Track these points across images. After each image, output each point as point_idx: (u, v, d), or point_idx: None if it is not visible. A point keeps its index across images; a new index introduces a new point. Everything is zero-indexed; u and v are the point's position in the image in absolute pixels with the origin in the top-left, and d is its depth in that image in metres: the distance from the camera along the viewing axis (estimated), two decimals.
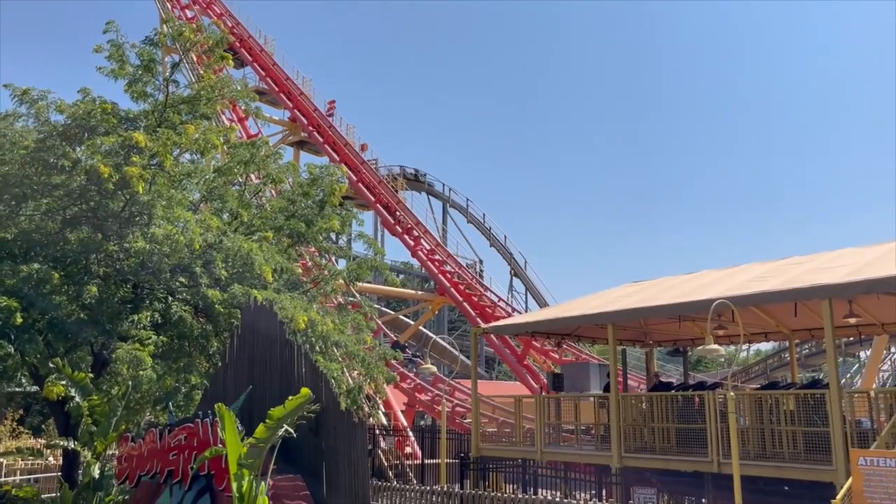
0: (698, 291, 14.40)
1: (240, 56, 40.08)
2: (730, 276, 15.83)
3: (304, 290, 15.65)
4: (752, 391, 16.04)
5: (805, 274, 13.15)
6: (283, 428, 8.88)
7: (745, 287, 13.48)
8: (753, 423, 13.75)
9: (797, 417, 13.12)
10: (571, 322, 17.25)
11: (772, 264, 15.68)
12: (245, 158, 15.82)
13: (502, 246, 45.23)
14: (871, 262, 12.81)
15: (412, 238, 35.27)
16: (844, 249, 15.36)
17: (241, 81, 19.64)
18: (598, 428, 16.78)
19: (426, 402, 26.74)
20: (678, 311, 14.63)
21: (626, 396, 16.40)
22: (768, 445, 13.38)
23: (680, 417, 14.79)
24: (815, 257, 15.00)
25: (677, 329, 17.86)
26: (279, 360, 11.22)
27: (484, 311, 31.80)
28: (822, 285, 11.87)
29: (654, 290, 16.87)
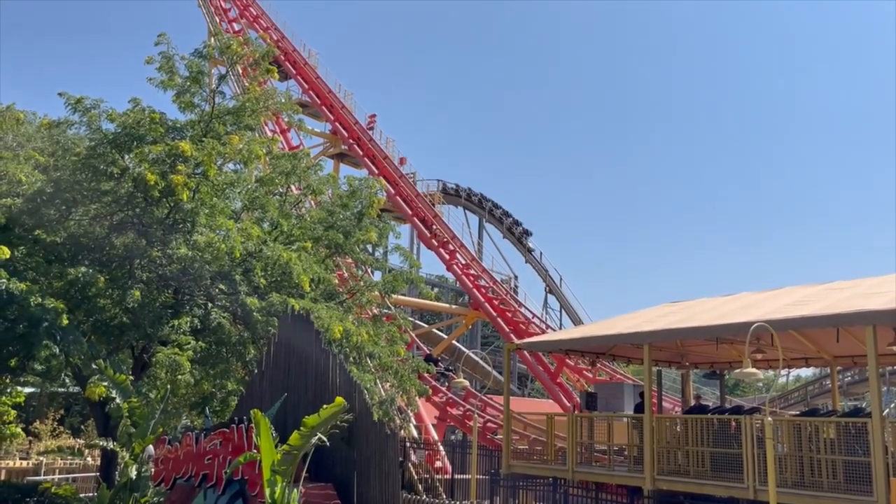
0: (737, 314, 14.17)
1: (284, 69, 40.80)
2: (769, 298, 15.56)
3: (341, 301, 15.83)
4: (791, 417, 15.68)
5: (847, 299, 12.87)
6: (316, 436, 8.99)
7: (785, 311, 13.24)
8: (792, 451, 13.43)
9: (837, 446, 12.79)
10: (606, 341, 17.09)
11: (813, 288, 15.37)
12: (286, 169, 16.13)
13: (538, 262, 45.10)
14: None
15: (447, 252, 35.37)
16: (889, 275, 14.99)
17: (285, 94, 20.04)
18: (631, 449, 16.57)
19: (457, 417, 26.69)
20: (716, 333, 14.41)
21: (660, 418, 16.17)
22: (807, 474, 13.06)
23: (715, 441, 14.51)
24: (859, 282, 14.66)
25: (714, 351, 17.58)
26: (314, 369, 11.35)
27: (518, 327, 31.69)
28: (865, 311, 11.59)
29: (691, 310, 16.65)
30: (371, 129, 41.94)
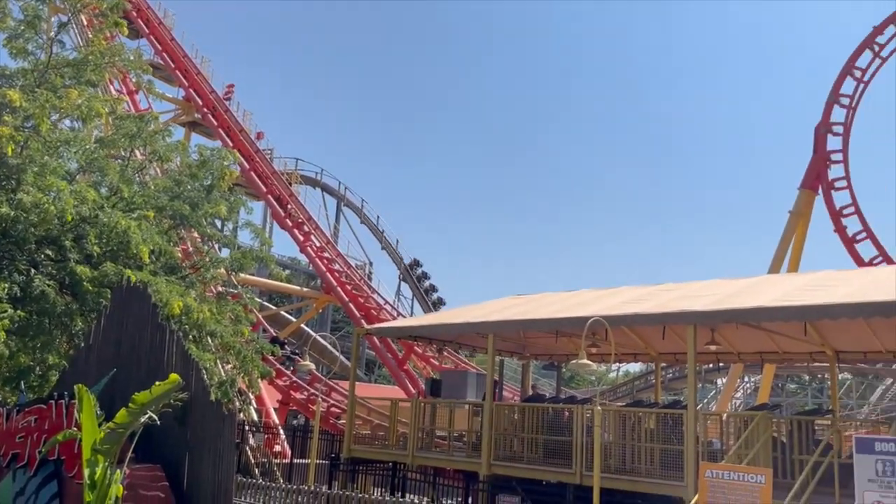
0: (576, 308, 14.92)
1: (136, 26, 38.17)
2: (607, 296, 16.50)
3: (183, 276, 15.05)
4: (618, 408, 16.75)
5: (675, 300, 13.90)
6: (146, 414, 8.49)
7: (620, 308, 14.09)
8: (617, 439, 14.36)
9: (656, 435, 13.84)
10: (454, 329, 17.45)
11: (647, 289, 16.47)
12: (131, 132, 15.08)
13: (394, 250, 45.25)
14: (734, 293, 13.71)
15: (302, 233, 34.65)
16: (714, 280, 16.36)
17: (135, 52, 18.70)
18: (470, 435, 17.03)
19: (301, 401, 26.26)
20: (556, 326, 15.11)
21: (499, 406, 16.73)
22: (628, 460, 14.03)
23: (549, 429, 15.25)
24: (687, 285, 15.88)
25: (554, 344, 18.42)
26: (148, 345, 10.73)
27: (369, 313, 31.64)
28: (688, 311, 12.58)
29: (535, 304, 17.35)
30: (228, 100, 40.19)
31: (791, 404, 45.86)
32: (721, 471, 8.57)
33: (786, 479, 11.94)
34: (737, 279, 15.67)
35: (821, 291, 12.48)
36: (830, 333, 15.50)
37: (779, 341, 16.17)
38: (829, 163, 29.38)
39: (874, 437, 4.36)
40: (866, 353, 16.26)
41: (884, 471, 4.05)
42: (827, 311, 11.44)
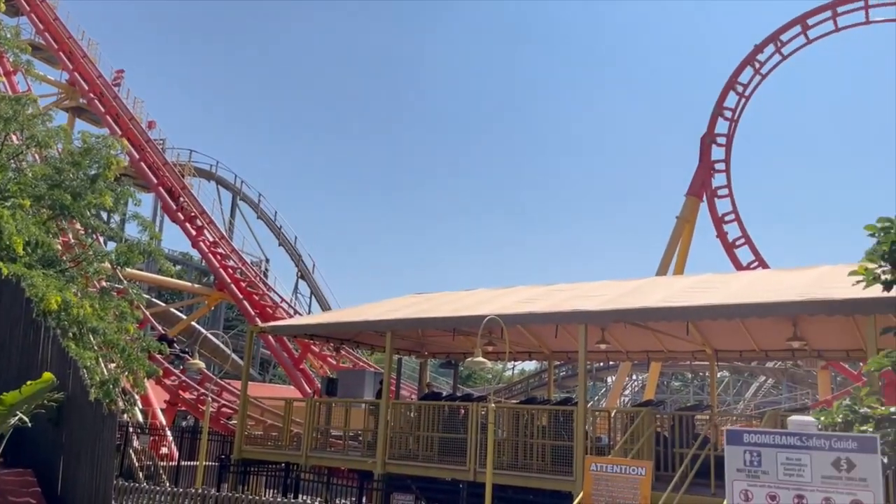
0: (473, 307, 15.10)
1: (15, 3, 35.69)
2: (503, 295, 16.79)
3: (62, 269, 14.18)
4: (512, 405, 17.07)
5: (568, 300, 14.31)
6: (16, 416, 7.92)
7: (515, 307, 14.37)
8: (510, 436, 14.64)
9: (548, 432, 14.20)
10: (352, 328, 17.29)
11: (541, 288, 16.88)
12: (6, 115, 14.07)
13: (292, 246, 44.37)
14: (624, 294, 14.25)
15: (195, 227, 33.40)
16: (605, 281, 16.94)
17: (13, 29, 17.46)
18: (366, 434, 16.93)
19: (190, 401, 25.30)
20: (453, 325, 15.24)
21: (396, 404, 16.71)
22: (521, 457, 14.32)
23: (445, 427, 15.36)
24: (579, 286, 16.38)
25: (451, 342, 18.57)
26: (21, 342, 10.04)
27: (264, 311, 30.87)
28: (580, 311, 12.98)
29: (433, 302, 17.44)
30: (118, 86, 38.21)
31: (675, 401, 48.14)
32: (605, 464, 8.91)
33: (667, 471, 12.50)
34: (626, 281, 16.30)
35: (702, 293, 13.16)
36: (710, 333, 16.38)
37: (664, 340, 16.93)
38: (713, 172, 31.07)
39: (743, 430, 4.62)
40: (742, 351, 17.29)
41: (751, 461, 4.31)
42: (707, 312, 12.07)
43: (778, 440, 4.44)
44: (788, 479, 4.27)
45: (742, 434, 4.53)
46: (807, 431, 4.46)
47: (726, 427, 7.79)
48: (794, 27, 30.67)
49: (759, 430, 4.79)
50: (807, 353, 16.63)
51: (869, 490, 4.14)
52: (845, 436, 4.61)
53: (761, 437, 4.51)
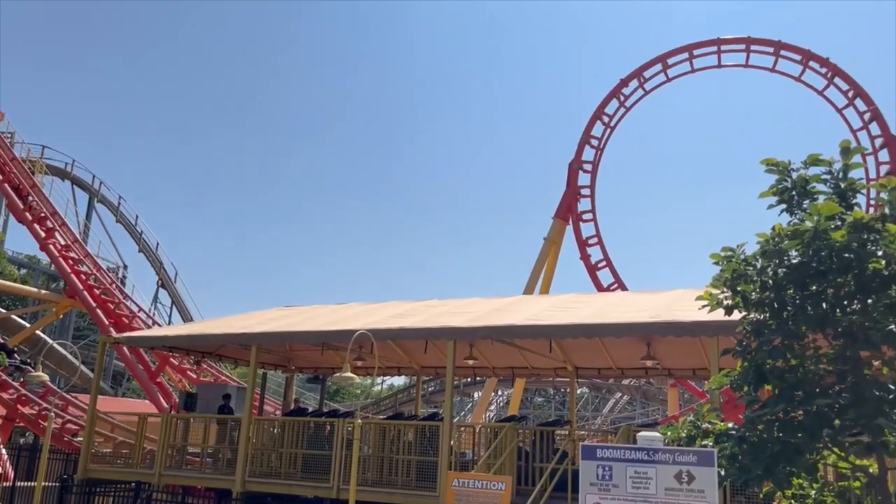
0: (343, 322, 14.94)
1: None
2: (374, 310, 16.74)
3: None
4: (379, 421, 17.00)
5: (438, 316, 14.46)
6: None
7: (386, 322, 14.35)
8: (376, 452, 14.57)
9: (414, 447, 14.25)
10: (215, 340, 16.62)
11: (413, 304, 16.96)
12: None
13: (153, 253, 42.13)
14: (492, 311, 14.58)
15: (44, 229, 31.02)
16: (474, 298, 17.27)
17: None
18: (224, 451, 16.29)
19: (30, 417, 23.34)
20: (323, 339, 15.00)
21: (258, 420, 16.22)
22: (386, 473, 14.28)
23: (309, 443, 15.07)
24: (449, 302, 16.62)
25: (320, 357, 18.27)
26: None
27: (120, 321, 29.06)
28: (449, 327, 13.14)
29: (302, 316, 17.10)
30: None
31: (537, 416, 49.70)
32: (467, 480, 9.05)
33: (528, 485, 12.87)
34: (495, 298, 16.71)
35: (565, 313, 13.69)
36: (572, 351, 17.07)
37: (529, 357, 17.46)
38: (580, 196, 32.53)
39: (596, 445, 4.84)
40: (601, 369, 18.14)
41: (603, 475, 4.52)
42: (569, 331, 12.57)
43: (628, 455, 4.68)
44: (636, 492, 4.51)
45: (595, 449, 4.74)
46: (653, 447, 4.73)
47: (582, 442, 8.15)
48: (656, 65, 32.81)
49: (611, 445, 5.02)
50: (658, 372, 17.66)
51: (706, 501, 4.44)
52: (686, 450, 4.92)
53: (613, 452, 4.74)
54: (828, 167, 6.76)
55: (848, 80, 30.20)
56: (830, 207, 6.26)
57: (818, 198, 6.77)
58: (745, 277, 6.75)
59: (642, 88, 33.38)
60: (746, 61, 32.10)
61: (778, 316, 6.61)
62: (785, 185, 6.96)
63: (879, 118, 29.39)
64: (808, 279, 6.43)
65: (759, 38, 31.51)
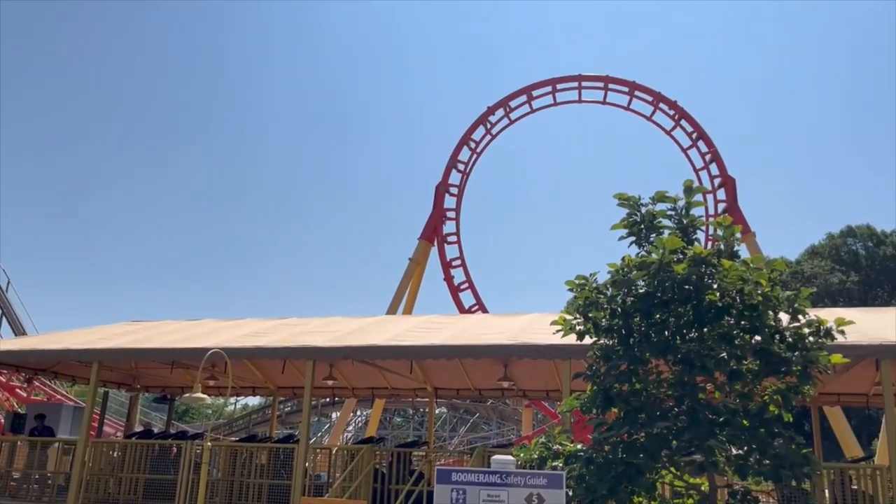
0: (195, 339, 14.25)
1: None
2: (230, 327, 16.10)
3: None
4: (230, 443, 16.29)
5: (297, 335, 14.11)
6: None
7: (242, 340, 13.83)
8: (226, 476, 13.93)
9: (267, 471, 13.77)
10: (50, 356, 15.30)
11: (270, 322, 16.46)
12: None
13: None
14: (352, 331, 14.41)
15: None
16: (335, 317, 17.02)
17: None
18: (56, 477, 15.00)
19: None
20: (172, 357, 14.23)
21: (97, 443, 15.08)
22: (236, 498, 13.68)
23: (153, 467, 14.19)
24: (309, 321, 16.25)
25: (168, 375, 17.31)
26: None
27: None
28: (308, 347, 12.85)
29: (151, 332, 16.14)
30: None
31: (396, 436, 49.58)
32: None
33: None
34: (356, 318, 16.54)
35: (426, 334, 13.77)
36: (432, 371, 17.20)
37: (389, 378, 17.40)
38: (445, 219, 33.06)
39: (452, 469, 4.87)
40: (459, 390, 18.37)
41: (457, 498, 4.55)
42: (429, 352, 12.65)
43: (482, 478, 4.74)
44: None
45: (451, 473, 4.76)
46: (506, 469, 4.83)
47: (437, 464, 8.16)
48: (521, 96, 34.10)
49: (466, 469, 5.07)
50: (514, 393, 18.12)
51: None
52: (537, 473, 5.06)
53: (467, 475, 4.78)
54: (672, 204, 7.26)
55: (692, 123, 32.75)
56: (674, 242, 6.70)
57: (664, 232, 7.24)
58: (596, 305, 7.07)
59: (508, 118, 34.55)
60: (604, 98, 34.06)
61: (625, 342, 6.97)
62: (634, 219, 7.37)
63: (718, 159, 32.05)
64: (652, 308, 6.83)
65: (616, 77, 33.53)
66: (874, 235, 63.59)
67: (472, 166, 34.42)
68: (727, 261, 6.62)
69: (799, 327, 6.83)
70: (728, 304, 6.63)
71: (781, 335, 6.84)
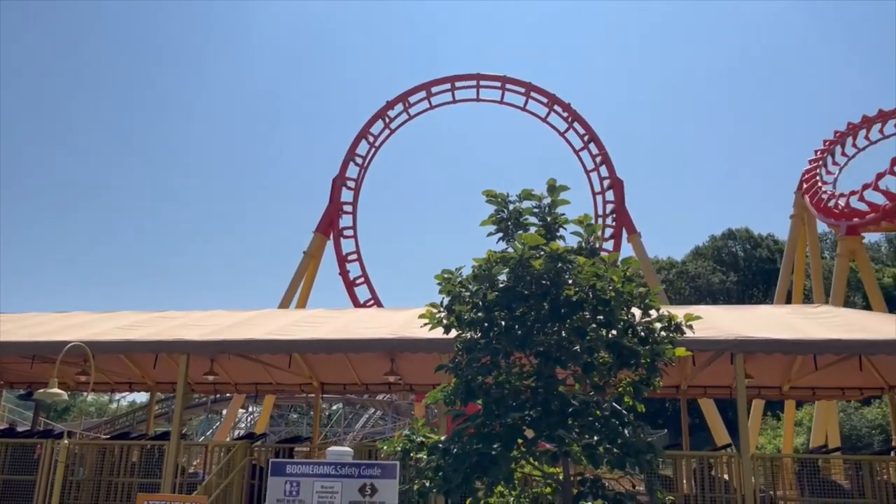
0: (60, 332, 13.51)
1: None
2: (104, 320, 15.36)
3: None
4: (98, 441, 15.55)
5: (172, 328, 13.61)
6: None
7: (112, 334, 13.23)
8: (93, 476, 13.29)
9: (138, 469, 13.24)
10: None
11: (147, 315, 15.81)
12: None
13: None
14: (233, 324, 14.02)
15: None
16: (217, 311, 16.53)
17: None
18: None
19: None
20: (32, 351, 13.43)
21: None
22: (103, 498, 13.08)
23: (11, 468, 13.36)
24: (188, 314, 15.72)
25: (31, 371, 16.31)
26: None
27: None
28: (182, 341, 12.42)
29: (14, 324, 15.18)
30: None
31: (290, 432, 48.76)
32: (158, 500, 8.56)
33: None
34: (239, 311, 16.13)
35: (309, 328, 13.58)
36: (318, 366, 17.00)
37: (273, 373, 17.06)
38: (342, 212, 32.74)
39: (286, 461, 4.80)
40: (346, 384, 18.23)
41: (290, 490, 4.50)
42: (309, 346, 12.51)
43: (316, 470, 4.70)
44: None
45: (285, 465, 4.69)
46: (341, 461, 4.81)
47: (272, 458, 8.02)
48: (420, 92, 34.20)
49: (302, 461, 5.02)
50: (402, 387, 18.15)
51: None
52: (372, 464, 5.08)
53: (302, 467, 4.72)
54: (538, 202, 7.46)
55: (584, 125, 33.79)
56: (534, 238, 6.87)
57: (530, 229, 7.43)
58: (459, 298, 7.17)
59: (407, 113, 34.58)
60: (502, 98, 34.64)
61: (487, 335, 7.10)
62: (502, 216, 7.52)
63: (608, 162, 33.21)
64: (513, 302, 6.98)
65: (513, 78, 34.18)
66: (752, 238, 67.77)
67: (370, 160, 34.26)
68: (582, 258, 6.84)
69: (650, 322, 7.15)
70: (582, 299, 6.86)
71: (634, 329, 7.15)
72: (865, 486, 11.86)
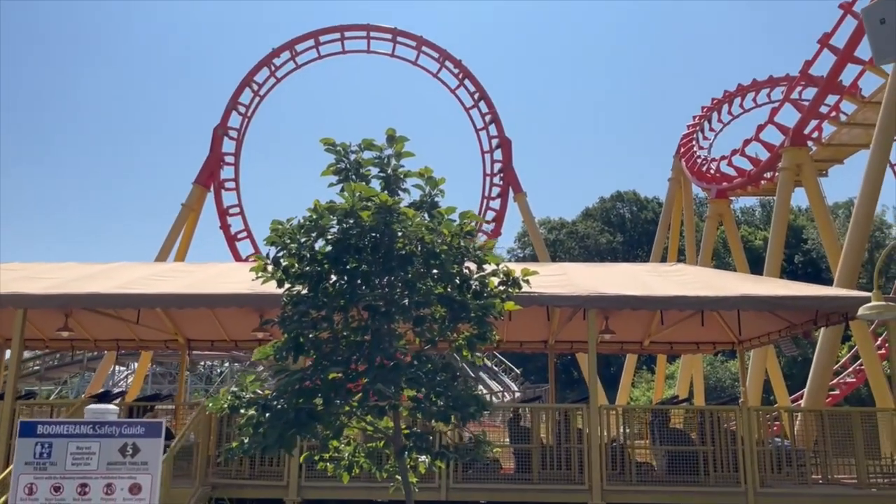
0: None
1: None
2: None
3: None
4: None
5: (10, 281, 12.63)
6: None
7: None
8: None
9: None
10: None
11: None
12: None
13: None
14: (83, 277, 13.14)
15: None
16: (69, 262, 15.56)
17: None
18: None
19: None
20: None
21: None
22: None
23: None
24: (33, 266, 14.71)
25: None
26: None
27: None
28: (17, 294, 11.54)
29: None
30: None
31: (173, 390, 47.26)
32: None
33: None
34: (93, 264, 15.23)
35: (165, 282, 12.95)
36: (182, 322, 16.36)
37: (136, 329, 16.28)
38: (223, 164, 31.47)
39: (38, 421, 4.45)
40: (214, 341, 17.67)
41: (41, 452, 4.17)
42: (158, 301, 11.92)
43: (72, 430, 4.38)
44: (76, 469, 4.24)
45: (36, 425, 4.35)
46: (101, 419, 4.51)
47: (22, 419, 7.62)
48: (308, 40, 33.04)
49: (56, 420, 4.69)
50: None
51: (148, 473, 4.36)
52: (134, 422, 4.81)
53: (56, 427, 4.39)
54: (379, 152, 7.23)
55: (475, 83, 33.70)
56: (364, 188, 6.65)
57: (372, 181, 7.20)
58: (287, 250, 6.89)
59: (294, 61, 33.41)
60: (393, 51, 34.00)
61: (316, 289, 6.88)
62: (342, 166, 7.25)
63: (497, 121, 33.35)
64: (344, 255, 6.78)
65: (404, 31, 33.54)
66: (639, 200, 70.38)
67: (254, 109, 33.04)
68: (410, 210, 6.69)
69: (485, 276, 7.12)
70: (412, 253, 6.74)
71: (468, 284, 7.11)
72: (706, 434, 12.52)
